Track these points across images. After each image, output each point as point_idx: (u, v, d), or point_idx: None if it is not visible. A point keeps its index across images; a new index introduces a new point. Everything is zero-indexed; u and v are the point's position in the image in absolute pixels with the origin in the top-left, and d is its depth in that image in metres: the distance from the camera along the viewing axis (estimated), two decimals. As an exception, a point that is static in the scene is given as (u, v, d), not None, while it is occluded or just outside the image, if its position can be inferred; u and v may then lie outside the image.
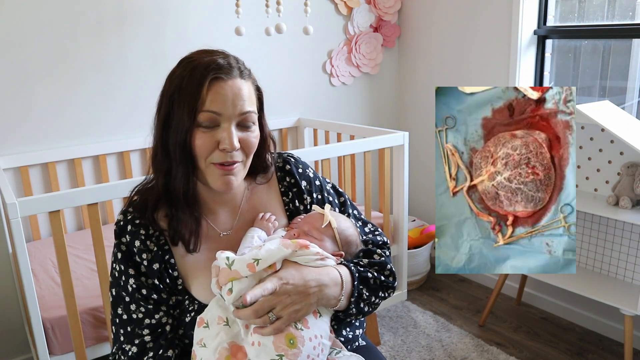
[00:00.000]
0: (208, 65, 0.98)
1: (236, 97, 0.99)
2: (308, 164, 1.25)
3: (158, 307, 1.04)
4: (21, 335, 2.35)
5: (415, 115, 3.25)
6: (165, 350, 1.02)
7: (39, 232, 2.36)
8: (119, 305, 1.04)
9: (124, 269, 1.04)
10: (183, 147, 0.99)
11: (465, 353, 2.34)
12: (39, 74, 2.28)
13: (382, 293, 1.11)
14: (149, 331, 1.03)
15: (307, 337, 0.95)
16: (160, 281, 1.04)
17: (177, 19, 2.54)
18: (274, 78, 2.86)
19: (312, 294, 0.97)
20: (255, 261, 0.95)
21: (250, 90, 1.03)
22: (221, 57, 1.02)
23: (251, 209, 1.15)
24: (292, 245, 0.99)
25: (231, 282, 0.95)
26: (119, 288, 1.05)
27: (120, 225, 1.06)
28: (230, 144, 0.98)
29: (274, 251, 0.97)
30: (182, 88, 0.99)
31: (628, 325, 2.03)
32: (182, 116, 0.98)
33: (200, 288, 1.05)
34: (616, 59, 2.38)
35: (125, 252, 1.04)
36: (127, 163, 2.53)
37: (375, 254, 1.15)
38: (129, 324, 1.03)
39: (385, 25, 3.14)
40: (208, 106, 0.97)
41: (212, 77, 0.97)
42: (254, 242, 1.05)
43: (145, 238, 1.04)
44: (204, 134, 0.99)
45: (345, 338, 1.16)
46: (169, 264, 1.05)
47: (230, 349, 0.94)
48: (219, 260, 0.97)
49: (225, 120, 0.99)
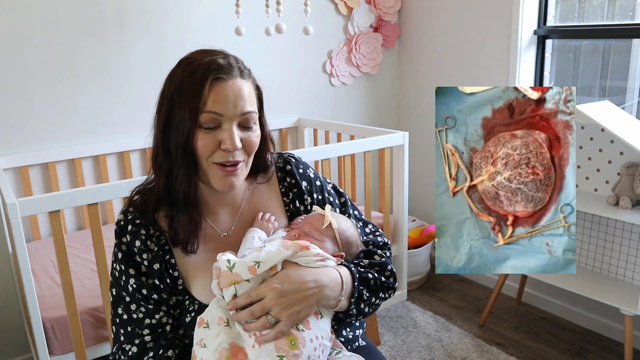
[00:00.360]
0: (208, 66, 0.98)
1: (237, 98, 0.99)
2: (309, 165, 1.25)
3: (158, 307, 1.04)
4: (21, 335, 2.35)
5: (415, 115, 3.25)
6: (166, 351, 1.02)
7: (39, 232, 2.36)
8: (119, 305, 1.04)
9: (124, 269, 1.04)
10: (185, 148, 0.99)
11: (465, 353, 2.34)
12: (39, 74, 2.28)
13: (383, 294, 1.11)
14: (149, 331, 1.03)
15: (308, 338, 0.95)
16: (160, 281, 1.04)
17: (177, 19, 2.54)
18: (274, 78, 2.86)
19: (311, 294, 0.96)
20: (256, 264, 0.95)
21: (250, 89, 1.03)
22: (221, 57, 1.01)
23: (251, 209, 1.15)
24: (293, 246, 0.98)
25: (234, 287, 0.95)
26: (119, 288, 1.05)
27: (121, 225, 1.06)
28: (232, 144, 0.98)
29: (275, 253, 0.96)
30: (182, 89, 0.98)
31: (628, 325, 2.03)
32: (183, 117, 0.98)
33: (200, 288, 1.05)
34: (616, 59, 2.38)
35: (125, 252, 1.04)
36: (127, 163, 2.53)
37: (375, 254, 1.14)
38: (129, 324, 1.03)
39: (385, 25, 3.14)
40: (210, 107, 0.97)
41: (213, 78, 0.97)
42: (254, 243, 1.05)
43: (145, 238, 1.04)
44: (205, 135, 0.99)
45: (345, 338, 1.16)
46: (169, 264, 1.05)
47: (230, 350, 0.94)
48: (219, 263, 0.97)
49: (226, 121, 0.99)
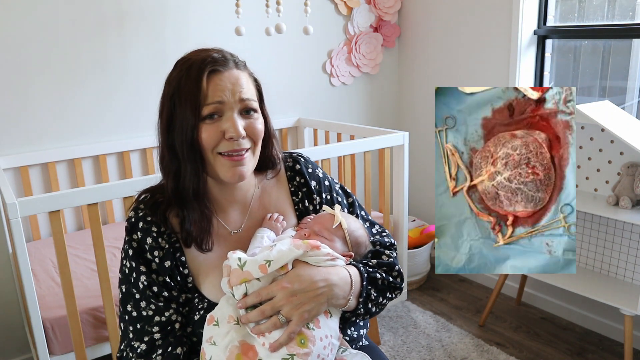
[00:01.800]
0: (204, 60, 1.00)
1: (235, 86, 1.01)
2: (317, 165, 1.25)
3: (168, 304, 1.04)
4: (21, 335, 2.35)
5: (415, 115, 3.25)
6: (174, 348, 1.02)
7: (39, 232, 2.36)
8: (129, 302, 1.04)
9: (135, 266, 1.04)
10: (190, 145, 0.99)
11: (465, 353, 2.34)
12: (39, 74, 2.28)
13: (390, 294, 1.11)
14: (159, 328, 1.03)
15: (318, 336, 0.95)
16: (171, 279, 1.04)
17: (177, 19, 2.54)
18: (274, 78, 2.86)
19: (321, 293, 0.96)
20: (267, 262, 0.95)
21: (247, 79, 1.05)
22: (215, 52, 1.03)
23: (261, 208, 1.16)
24: (304, 245, 0.99)
25: (245, 285, 0.95)
26: (129, 285, 1.04)
27: (132, 221, 1.06)
28: (236, 131, 0.99)
29: (285, 252, 0.97)
30: (181, 87, 1.00)
31: (628, 325, 2.03)
32: (185, 114, 0.99)
33: (210, 287, 1.05)
34: (616, 59, 2.38)
35: (136, 249, 1.04)
36: (127, 163, 2.53)
37: (383, 254, 1.15)
38: (138, 321, 1.03)
39: (385, 25, 3.14)
40: (211, 98, 0.99)
41: (210, 70, 0.99)
42: (263, 243, 1.05)
43: (157, 235, 1.04)
44: (209, 127, 0.99)
45: (350, 337, 1.17)
46: (180, 261, 1.05)
47: (241, 348, 0.94)
48: (230, 261, 0.97)
49: (228, 109, 1.00)
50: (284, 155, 1.22)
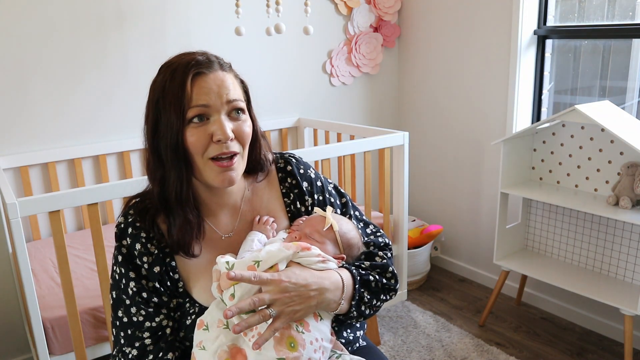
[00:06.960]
0: (188, 63, 0.99)
1: (221, 88, 0.99)
2: (310, 165, 1.24)
3: (159, 310, 1.03)
4: (21, 335, 2.35)
5: (415, 115, 3.25)
6: (165, 353, 1.02)
7: (39, 232, 2.36)
8: (120, 308, 1.04)
9: (124, 272, 1.03)
10: (175, 149, 0.98)
11: (465, 353, 2.34)
12: (39, 73, 2.28)
13: (384, 296, 1.10)
14: (150, 334, 1.02)
15: (308, 340, 0.94)
16: (161, 284, 1.03)
17: (177, 19, 2.54)
18: (274, 78, 2.86)
19: (312, 296, 0.96)
20: (256, 263, 0.94)
21: (234, 81, 1.03)
22: (199, 54, 1.02)
23: (252, 210, 1.14)
24: (294, 246, 0.98)
25: (233, 287, 0.94)
26: (119, 291, 1.04)
27: (121, 227, 1.05)
28: (223, 134, 0.97)
29: (275, 252, 0.96)
30: (165, 91, 0.98)
31: (628, 325, 2.03)
32: (170, 118, 0.97)
33: (201, 291, 1.04)
34: (616, 59, 2.38)
35: (125, 255, 1.04)
36: (127, 163, 2.53)
37: (377, 256, 1.14)
38: (129, 327, 1.03)
39: (385, 25, 3.14)
40: (195, 101, 0.97)
41: (194, 73, 0.98)
42: (253, 246, 1.04)
43: (146, 241, 1.04)
44: (196, 130, 0.98)
45: (346, 340, 1.16)
46: (170, 266, 1.05)
47: (230, 352, 0.93)
48: (219, 265, 0.96)
49: (214, 112, 0.98)
50: (276, 156, 1.20)
